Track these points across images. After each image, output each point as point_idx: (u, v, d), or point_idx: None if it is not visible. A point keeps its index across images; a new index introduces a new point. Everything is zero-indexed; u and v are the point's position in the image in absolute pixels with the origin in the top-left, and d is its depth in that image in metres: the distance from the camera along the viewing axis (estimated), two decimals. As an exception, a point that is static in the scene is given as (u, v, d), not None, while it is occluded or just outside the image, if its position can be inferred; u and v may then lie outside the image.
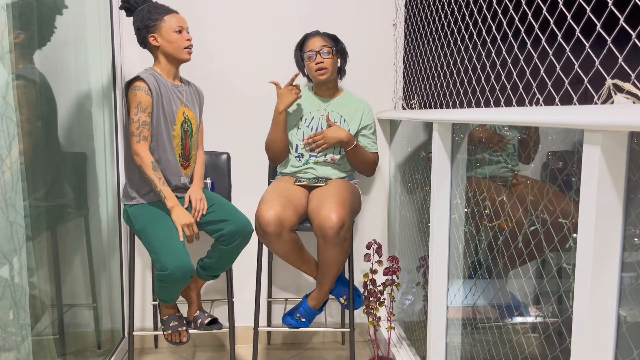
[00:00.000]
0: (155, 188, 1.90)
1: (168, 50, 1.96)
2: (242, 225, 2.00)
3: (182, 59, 1.99)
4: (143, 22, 1.95)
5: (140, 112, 1.89)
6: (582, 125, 0.91)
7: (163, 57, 1.99)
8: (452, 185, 1.74)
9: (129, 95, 1.91)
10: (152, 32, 1.96)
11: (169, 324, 2.06)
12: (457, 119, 1.53)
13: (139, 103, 1.89)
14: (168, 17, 1.96)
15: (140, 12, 1.96)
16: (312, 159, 2.24)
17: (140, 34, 1.97)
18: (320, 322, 2.66)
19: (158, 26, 1.95)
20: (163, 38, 1.95)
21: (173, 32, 1.95)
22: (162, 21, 1.95)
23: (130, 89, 1.92)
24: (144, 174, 1.90)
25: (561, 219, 1.20)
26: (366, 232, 2.67)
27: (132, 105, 1.90)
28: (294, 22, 2.50)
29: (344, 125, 2.26)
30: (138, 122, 1.89)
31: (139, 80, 1.91)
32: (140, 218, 1.94)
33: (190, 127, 2.05)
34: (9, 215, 1.45)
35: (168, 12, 1.97)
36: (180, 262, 1.81)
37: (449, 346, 1.80)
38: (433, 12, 1.98)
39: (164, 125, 1.96)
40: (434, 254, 1.77)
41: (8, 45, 1.47)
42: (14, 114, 1.47)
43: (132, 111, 1.90)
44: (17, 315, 1.49)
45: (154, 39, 1.96)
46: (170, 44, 1.96)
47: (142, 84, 1.90)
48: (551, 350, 1.26)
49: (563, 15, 1.07)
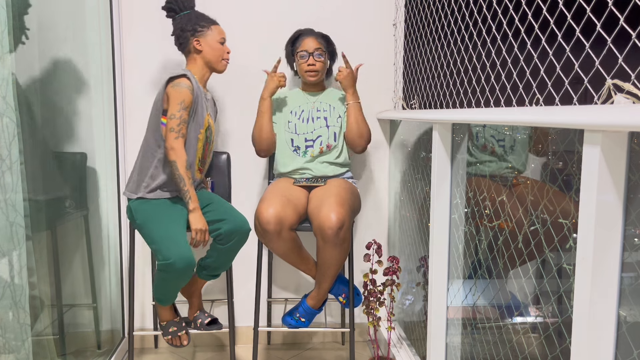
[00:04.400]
0: (184, 187, 1.89)
1: (209, 57, 2.05)
2: (239, 224, 2.00)
3: (219, 68, 2.09)
4: (191, 25, 2.02)
5: (183, 109, 1.89)
6: (582, 125, 0.91)
7: (201, 62, 2.06)
8: (452, 185, 1.74)
9: (172, 90, 1.90)
10: (198, 37, 2.03)
11: (168, 330, 2.06)
12: (457, 119, 1.53)
13: (183, 100, 1.90)
14: (214, 26, 2.06)
15: (187, 16, 2.05)
16: (310, 150, 2.24)
17: (184, 35, 2.04)
18: (320, 322, 2.66)
19: (205, 33, 2.04)
20: (208, 44, 2.04)
21: (217, 42, 2.05)
22: (209, 29, 2.05)
23: (173, 84, 1.91)
24: (176, 170, 1.88)
25: (561, 219, 1.20)
26: (366, 232, 2.67)
27: (174, 101, 1.89)
28: (294, 21, 2.50)
29: (333, 112, 2.29)
30: (180, 119, 1.89)
31: (185, 77, 1.92)
32: (142, 212, 1.94)
33: (211, 134, 2.10)
34: (9, 215, 1.45)
35: (214, 22, 2.08)
36: (184, 252, 1.82)
37: (449, 346, 1.80)
38: (433, 12, 1.98)
39: (194, 127, 1.98)
40: (434, 254, 1.77)
41: (8, 45, 1.47)
42: (14, 114, 1.47)
43: (174, 107, 1.89)
44: (17, 315, 1.49)
45: (197, 43, 2.03)
46: (214, 52, 2.05)
47: (188, 82, 1.92)
48: (551, 350, 1.26)
49: (563, 15, 1.07)
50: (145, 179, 1.98)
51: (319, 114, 2.27)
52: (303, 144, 2.25)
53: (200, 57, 2.05)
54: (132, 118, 2.48)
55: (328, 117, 2.27)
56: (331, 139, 2.26)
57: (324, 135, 2.25)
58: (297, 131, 2.25)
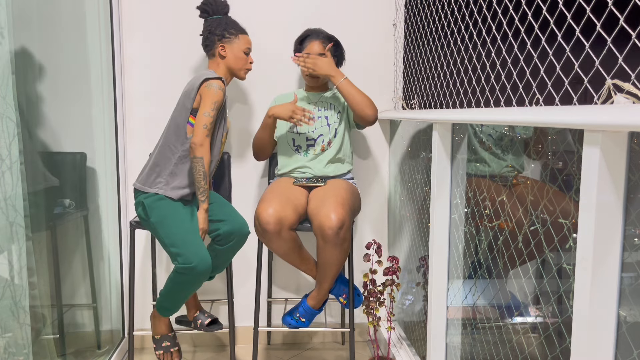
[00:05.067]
0: (205, 185, 1.90)
1: (232, 65, 2.08)
2: (238, 226, 2.01)
3: (240, 76, 2.12)
4: (220, 30, 2.05)
5: (215, 110, 1.91)
6: (582, 125, 0.91)
7: (224, 68, 2.09)
8: (452, 185, 1.74)
9: (207, 90, 1.91)
10: (224, 42, 2.06)
11: (161, 344, 2.06)
12: (457, 119, 1.53)
13: (217, 101, 1.91)
14: (242, 36, 2.09)
15: (219, 20, 2.07)
16: (311, 150, 2.25)
17: (211, 38, 2.06)
18: (320, 322, 2.66)
19: (232, 40, 2.07)
20: (233, 52, 2.06)
21: (242, 51, 2.08)
22: (237, 37, 2.08)
23: (208, 84, 1.92)
24: (202, 167, 1.88)
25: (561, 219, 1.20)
26: (366, 232, 2.67)
27: (209, 100, 1.90)
28: (295, 21, 2.50)
29: (333, 109, 2.29)
30: (212, 118, 1.90)
31: (221, 81, 1.94)
32: (158, 210, 1.91)
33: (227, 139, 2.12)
34: (9, 215, 1.45)
35: (243, 32, 2.10)
36: (205, 256, 1.86)
37: (449, 346, 1.80)
38: (433, 12, 1.98)
39: (221, 131, 2.00)
40: (434, 254, 1.77)
41: (8, 45, 1.47)
42: (14, 114, 1.47)
43: (209, 105, 1.90)
44: (17, 315, 1.49)
45: (222, 49, 2.06)
46: (237, 60, 2.08)
47: (222, 85, 1.94)
48: (551, 350, 1.26)
49: (563, 15, 1.07)
50: (163, 175, 1.95)
51: (319, 113, 2.28)
52: (304, 143, 2.26)
53: (223, 62, 2.08)
54: (132, 118, 2.48)
55: (329, 115, 2.28)
56: (332, 136, 2.27)
57: (325, 134, 2.26)
58: (299, 131, 2.26)
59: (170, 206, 1.92)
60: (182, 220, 1.89)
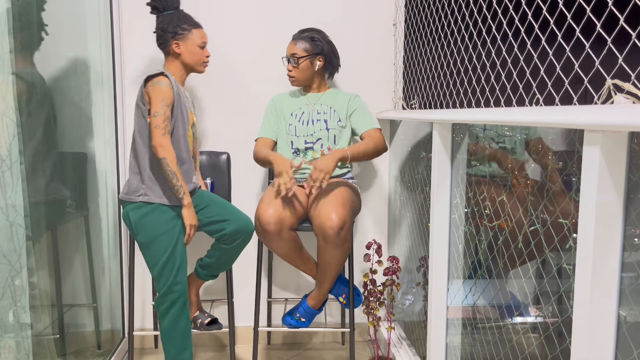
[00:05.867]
0: (177, 182, 1.87)
1: (188, 61, 2.03)
2: (243, 224, 2.00)
3: (198, 71, 2.08)
4: (173, 27, 2.00)
5: (165, 106, 1.88)
6: (582, 125, 0.91)
7: (179, 64, 2.05)
8: (452, 185, 1.74)
9: (152, 89, 1.89)
10: (178, 39, 2.01)
11: None
12: (457, 119, 1.53)
13: (164, 97, 1.88)
14: (196, 30, 2.03)
15: (170, 15, 2.02)
16: (310, 153, 2.23)
17: (164, 36, 2.01)
18: (320, 322, 2.66)
19: (185, 36, 2.01)
20: (187, 48, 2.02)
21: (197, 46, 2.03)
22: (190, 32, 2.02)
23: (152, 83, 1.90)
24: (167, 167, 1.85)
25: (561, 219, 1.20)
26: (366, 232, 2.67)
27: (156, 99, 1.87)
28: (294, 21, 2.50)
29: (334, 115, 2.26)
30: (163, 116, 1.87)
31: (163, 76, 1.91)
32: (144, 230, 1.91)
33: (196, 131, 2.10)
34: (9, 215, 1.45)
35: (196, 26, 2.05)
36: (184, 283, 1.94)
37: (449, 346, 1.80)
38: (433, 12, 1.98)
39: (182, 125, 1.97)
40: (434, 254, 1.77)
41: (8, 45, 1.47)
42: (14, 114, 1.47)
43: (157, 104, 1.87)
44: (17, 315, 1.49)
45: (177, 46, 2.01)
46: (192, 56, 2.03)
47: (167, 80, 1.91)
48: (551, 350, 1.26)
49: (563, 15, 1.07)
50: (145, 181, 1.92)
51: (319, 116, 2.25)
52: (303, 146, 2.24)
53: (178, 59, 2.04)
54: (132, 118, 2.48)
55: (328, 119, 2.25)
56: (331, 142, 2.24)
57: (323, 138, 2.23)
58: (297, 133, 2.24)
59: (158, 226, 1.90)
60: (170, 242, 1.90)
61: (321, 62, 2.24)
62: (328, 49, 2.25)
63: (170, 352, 1.94)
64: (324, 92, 2.32)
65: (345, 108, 2.28)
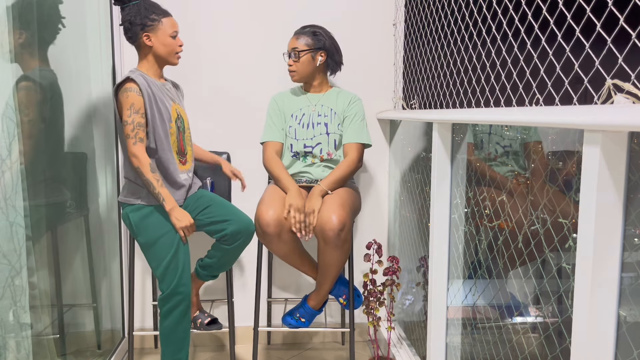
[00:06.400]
0: (154, 190, 1.86)
1: (160, 53, 1.95)
2: (244, 224, 1.99)
3: (172, 62, 2.00)
4: (141, 19, 1.90)
5: (134, 113, 1.84)
6: (582, 125, 0.91)
7: (152, 57, 1.96)
8: (452, 185, 1.74)
9: (121, 98, 1.86)
10: (148, 31, 1.92)
11: None
12: (457, 119, 1.53)
13: (132, 104, 1.84)
14: (165, 19, 1.94)
15: (136, 7, 1.91)
16: (309, 157, 2.22)
17: (133, 29, 1.91)
18: (320, 322, 2.66)
19: (155, 27, 1.92)
20: (158, 40, 1.93)
21: (169, 36, 1.94)
22: (160, 23, 1.92)
23: (120, 91, 1.86)
24: (142, 176, 1.85)
25: (561, 219, 1.20)
26: (366, 232, 2.67)
27: (124, 107, 1.85)
28: (294, 20, 2.50)
29: (335, 118, 2.21)
30: (132, 124, 1.84)
31: (129, 81, 1.86)
32: (146, 232, 1.91)
33: (183, 123, 2.04)
34: (9, 215, 1.45)
35: (165, 14, 1.95)
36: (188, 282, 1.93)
37: (449, 346, 1.80)
38: (433, 12, 1.98)
39: (161, 124, 1.93)
40: (434, 254, 1.77)
41: (8, 45, 1.47)
42: (14, 114, 1.47)
43: (124, 113, 1.84)
44: (17, 315, 1.49)
45: (147, 38, 1.92)
46: (165, 48, 1.94)
47: (133, 85, 1.85)
48: (551, 350, 1.26)
49: (563, 15, 1.06)
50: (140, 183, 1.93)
51: (319, 119, 2.21)
52: (302, 149, 2.20)
53: (150, 52, 1.94)
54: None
55: (329, 123, 2.20)
56: (331, 147, 2.20)
57: (323, 143, 2.19)
58: (297, 137, 2.20)
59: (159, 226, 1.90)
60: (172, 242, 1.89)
61: (323, 57, 2.19)
62: (330, 44, 2.20)
63: (167, 351, 1.94)
64: (326, 92, 2.27)
65: (342, 110, 2.24)
